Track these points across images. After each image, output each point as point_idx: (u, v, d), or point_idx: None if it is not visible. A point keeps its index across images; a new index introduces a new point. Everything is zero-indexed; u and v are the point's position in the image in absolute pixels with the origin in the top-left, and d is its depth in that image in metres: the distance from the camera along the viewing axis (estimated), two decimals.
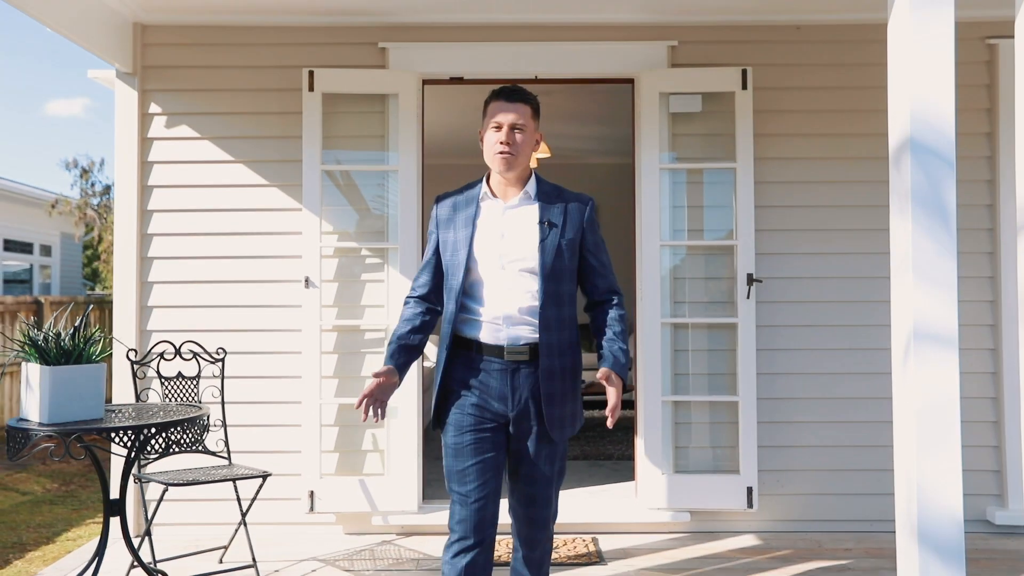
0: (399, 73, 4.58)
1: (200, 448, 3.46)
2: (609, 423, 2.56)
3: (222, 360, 4.18)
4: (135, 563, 3.79)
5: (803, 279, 4.58)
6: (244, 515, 3.89)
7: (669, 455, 4.55)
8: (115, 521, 3.33)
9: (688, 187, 4.64)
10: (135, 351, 4.11)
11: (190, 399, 4.10)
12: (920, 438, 2.35)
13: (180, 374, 4.11)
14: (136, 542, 4.10)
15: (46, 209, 14.54)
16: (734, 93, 4.54)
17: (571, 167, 9.47)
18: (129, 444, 3.02)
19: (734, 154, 4.54)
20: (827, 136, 4.60)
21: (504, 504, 2.81)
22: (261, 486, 3.91)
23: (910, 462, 2.38)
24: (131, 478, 3.70)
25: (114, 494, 3.77)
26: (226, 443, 4.10)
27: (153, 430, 3.04)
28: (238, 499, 3.97)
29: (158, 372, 4.10)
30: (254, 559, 3.81)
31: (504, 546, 4.18)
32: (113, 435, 2.99)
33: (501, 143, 2.65)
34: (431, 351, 7.57)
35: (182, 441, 3.15)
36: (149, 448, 3.10)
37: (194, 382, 4.13)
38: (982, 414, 4.53)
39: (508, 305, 2.63)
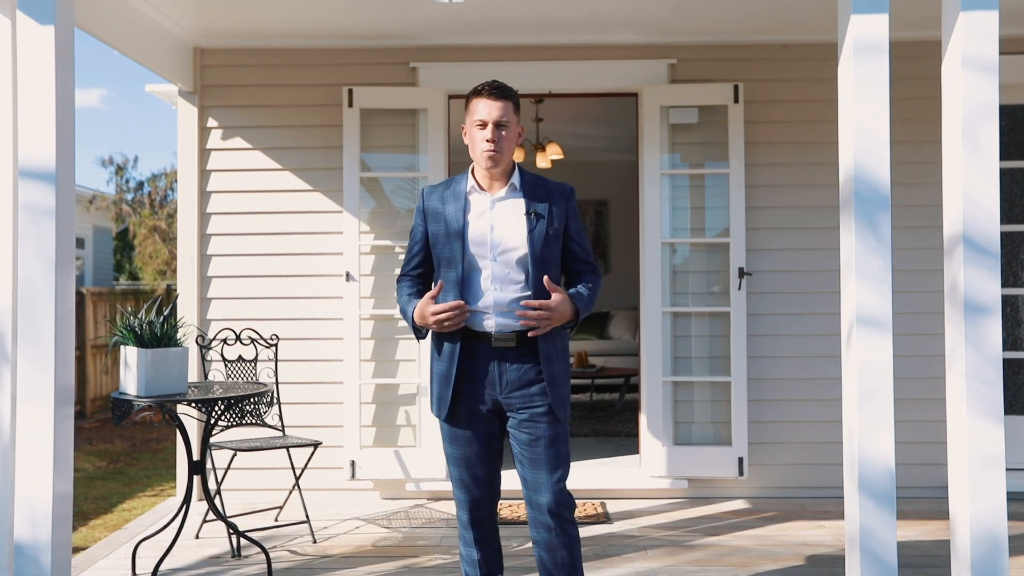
0: (428, 90, 5.15)
1: (262, 421, 4.04)
2: (520, 316, 2.65)
3: (275, 345, 4.78)
4: (207, 517, 4.41)
5: (788, 272, 5.13)
6: (298, 479, 4.49)
7: (669, 429, 5.12)
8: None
9: (686, 190, 5.19)
10: (203, 336, 4.71)
11: (249, 379, 4.70)
12: (860, 403, 2.91)
13: (240, 357, 4.71)
14: (204, 503, 4.71)
15: (84, 204, 15.24)
16: (727, 106, 5.09)
17: (583, 165, 10.02)
18: (209, 413, 3.63)
19: (727, 160, 5.09)
20: (810, 144, 5.14)
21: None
22: (313, 453, 4.51)
23: (852, 423, 2.95)
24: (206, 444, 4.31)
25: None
26: (280, 418, 4.71)
27: (229, 402, 3.64)
28: (292, 466, 4.57)
29: (222, 355, 4.70)
30: (307, 516, 4.42)
31: (521, 508, 4.78)
32: (198, 404, 3.60)
33: (488, 140, 2.72)
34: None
35: (253, 412, 3.75)
36: (225, 417, 3.70)
37: (252, 364, 4.73)
38: (944, 391, 5.06)
39: (498, 295, 2.73)
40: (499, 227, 2.77)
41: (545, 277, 2.72)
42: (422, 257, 2.90)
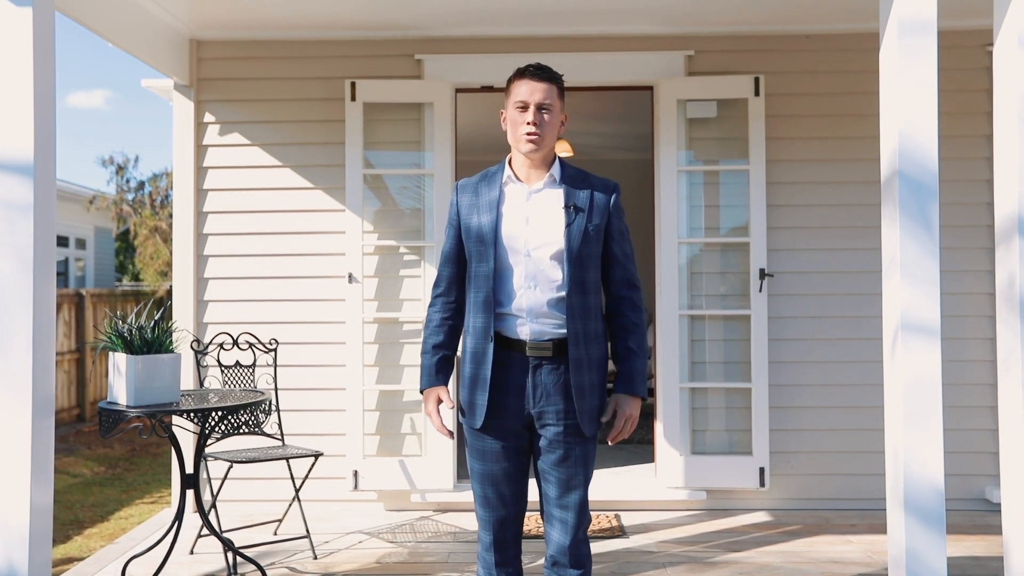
0: (434, 83, 4.92)
1: (260, 430, 3.82)
2: (609, 440, 2.60)
3: (275, 350, 4.56)
4: (202, 531, 4.19)
5: (812, 273, 4.90)
6: (297, 491, 4.26)
7: (686, 438, 4.88)
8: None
9: (704, 187, 4.96)
10: (198, 341, 4.49)
11: (247, 386, 4.48)
12: (906, 417, 2.68)
13: (238, 363, 4.49)
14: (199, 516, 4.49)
15: (84, 205, 15.05)
16: (747, 99, 4.85)
17: (593, 163, 9.77)
18: (203, 424, 3.40)
19: (747, 156, 4.86)
20: (834, 139, 4.91)
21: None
22: (313, 464, 4.29)
23: (897, 438, 2.71)
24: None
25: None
26: (279, 426, 4.48)
27: (223, 412, 3.41)
28: (292, 477, 4.34)
29: (218, 361, 4.48)
30: (308, 530, 4.19)
31: (534, 521, 4.55)
32: (191, 415, 3.38)
33: (529, 123, 2.51)
34: None
35: (248, 422, 3.52)
36: (219, 428, 3.48)
37: (250, 370, 4.51)
38: (982, 399, 4.83)
39: (533, 297, 2.52)
40: (534, 220, 2.55)
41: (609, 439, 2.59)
42: (454, 263, 2.68)
